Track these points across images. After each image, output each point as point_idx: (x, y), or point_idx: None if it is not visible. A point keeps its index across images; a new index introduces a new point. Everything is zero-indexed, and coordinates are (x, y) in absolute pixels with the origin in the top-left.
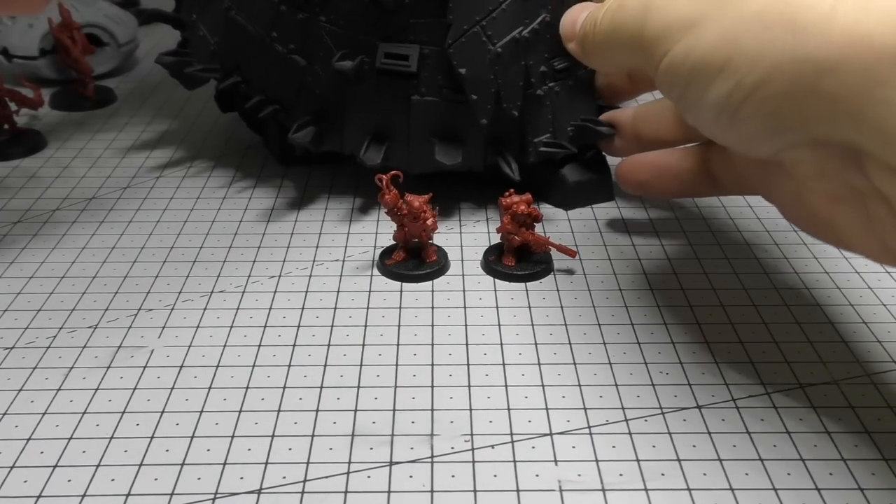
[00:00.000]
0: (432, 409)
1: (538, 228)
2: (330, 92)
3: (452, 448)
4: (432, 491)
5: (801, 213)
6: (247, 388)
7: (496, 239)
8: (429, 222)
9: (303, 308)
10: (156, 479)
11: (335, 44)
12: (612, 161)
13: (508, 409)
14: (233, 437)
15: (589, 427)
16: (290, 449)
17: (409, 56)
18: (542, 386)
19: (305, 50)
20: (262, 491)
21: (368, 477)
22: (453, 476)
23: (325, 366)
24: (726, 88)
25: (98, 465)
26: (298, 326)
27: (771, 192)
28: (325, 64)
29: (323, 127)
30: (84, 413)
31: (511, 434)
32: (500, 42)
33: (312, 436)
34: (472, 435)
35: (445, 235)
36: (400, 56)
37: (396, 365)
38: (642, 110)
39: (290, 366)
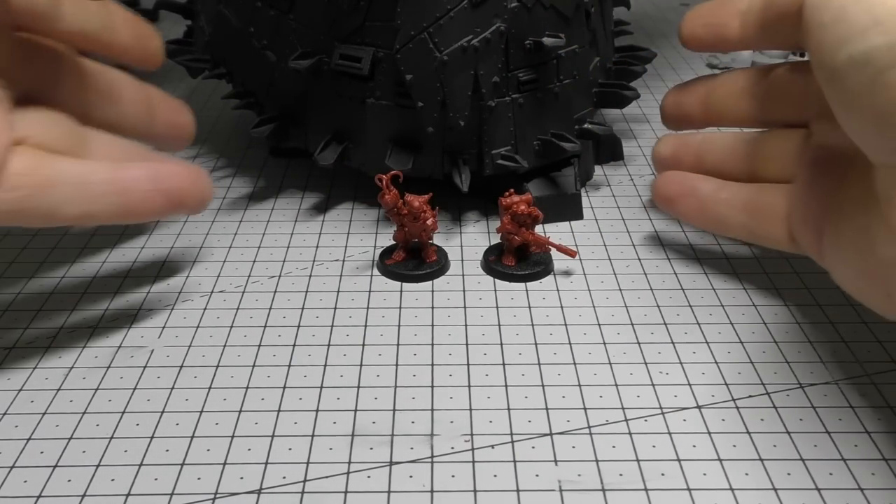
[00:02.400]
0: (432, 409)
1: (538, 228)
2: (294, 89)
3: (452, 448)
4: (432, 491)
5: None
6: (247, 388)
7: (496, 239)
8: (429, 222)
9: (303, 308)
10: (156, 479)
11: (300, 42)
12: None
13: (508, 409)
14: (233, 437)
15: (589, 427)
16: (290, 449)
17: (362, 59)
18: (542, 386)
19: (276, 46)
20: (262, 491)
21: (368, 477)
22: (453, 476)
23: (325, 366)
24: None
25: (98, 465)
26: (298, 326)
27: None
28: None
29: (288, 123)
30: (84, 413)
31: (511, 434)
32: (447, 50)
33: (312, 436)
34: (472, 435)
35: (445, 235)
36: (354, 58)
37: (396, 365)
38: (713, 137)
39: (290, 366)
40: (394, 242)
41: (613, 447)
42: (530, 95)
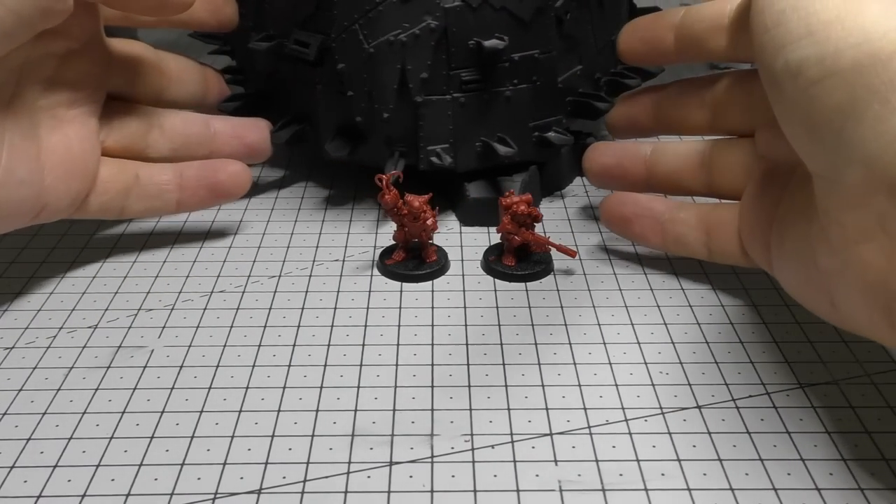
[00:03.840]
0: (432, 409)
1: (538, 228)
2: (266, 70)
3: (452, 448)
4: (432, 491)
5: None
6: (247, 388)
7: (496, 239)
8: (429, 222)
9: (303, 308)
10: (156, 479)
11: (273, 26)
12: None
13: (508, 409)
14: (233, 437)
15: (589, 427)
16: (290, 449)
17: (311, 45)
18: (542, 386)
19: (257, 27)
20: (262, 491)
21: (368, 477)
22: (453, 476)
23: (325, 366)
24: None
25: (98, 465)
26: (298, 326)
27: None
28: None
29: (258, 102)
30: (84, 413)
31: (511, 434)
32: (374, 42)
33: (312, 436)
34: (472, 435)
35: (445, 235)
36: (305, 43)
37: (396, 365)
38: (665, 147)
39: (290, 366)
40: (394, 242)
41: (613, 447)
42: (475, 96)
